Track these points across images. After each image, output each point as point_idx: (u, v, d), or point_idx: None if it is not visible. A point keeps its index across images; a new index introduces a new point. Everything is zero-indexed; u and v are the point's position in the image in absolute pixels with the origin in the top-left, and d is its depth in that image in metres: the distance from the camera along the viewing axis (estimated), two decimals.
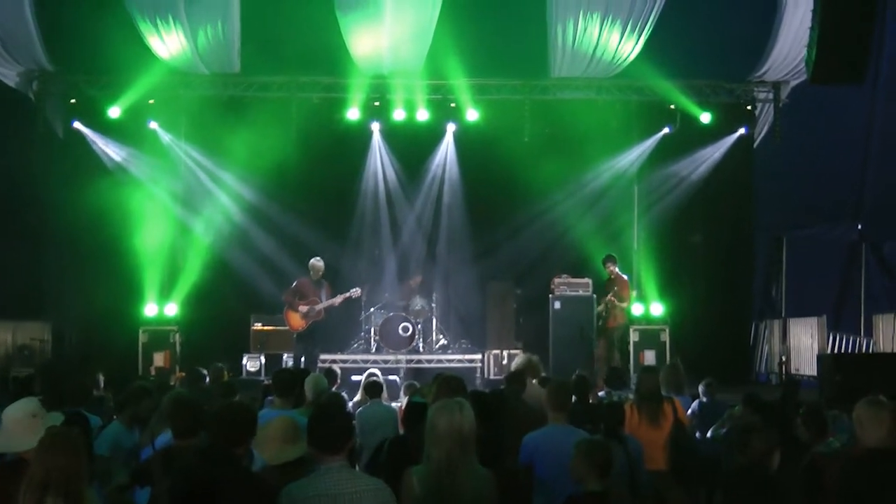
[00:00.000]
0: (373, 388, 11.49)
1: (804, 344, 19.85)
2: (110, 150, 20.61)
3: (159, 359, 19.24)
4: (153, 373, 18.61)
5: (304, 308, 17.89)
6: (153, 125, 20.56)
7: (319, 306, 17.92)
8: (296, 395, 9.11)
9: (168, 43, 19.17)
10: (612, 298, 18.52)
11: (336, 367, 13.95)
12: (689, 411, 11.08)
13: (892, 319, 18.60)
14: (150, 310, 19.87)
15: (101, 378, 13.13)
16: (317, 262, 18.15)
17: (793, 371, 19.90)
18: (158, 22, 18.82)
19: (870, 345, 20.33)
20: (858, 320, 22.13)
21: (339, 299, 18.16)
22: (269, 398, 9.68)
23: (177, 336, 19.51)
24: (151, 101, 20.31)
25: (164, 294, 20.10)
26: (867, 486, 6.48)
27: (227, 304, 20.20)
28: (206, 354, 17.09)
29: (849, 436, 7.04)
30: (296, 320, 18.03)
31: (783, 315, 22.03)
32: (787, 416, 10.44)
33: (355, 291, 18.50)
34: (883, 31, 19.51)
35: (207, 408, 6.91)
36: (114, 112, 20.01)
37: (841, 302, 22.91)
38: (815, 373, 18.16)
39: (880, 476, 6.45)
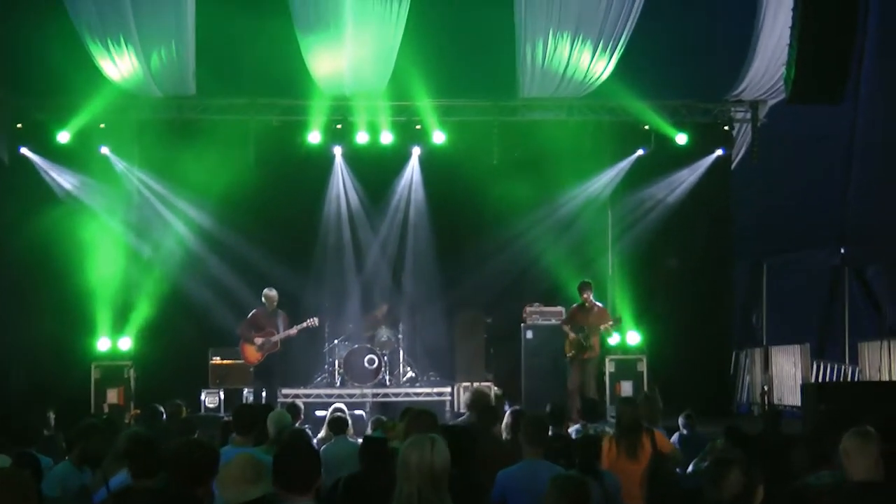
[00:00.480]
0: (337, 424, 11.44)
1: (787, 373, 19.94)
2: (60, 178, 20.41)
3: (113, 395, 19.08)
4: (106, 410, 18.43)
5: (259, 340, 17.90)
6: (104, 150, 20.39)
7: (275, 338, 17.93)
8: (257, 431, 9.07)
9: (119, 64, 19.06)
10: (606, 327, 18.50)
11: (299, 402, 13.92)
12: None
13: (878, 347, 18.71)
14: (102, 344, 19.70)
15: (52, 416, 13.02)
16: (270, 291, 18.18)
17: (775, 401, 19.95)
18: (109, 43, 18.73)
19: (855, 373, 20.44)
20: (843, 348, 22.27)
21: (295, 330, 18.18)
22: (232, 436, 9.60)
23: (131, 371, 19.36)
24: (102, 126, 20.13)
25: (118, 327, 19.90)
26: None
27: (184, 337, 20.01)
28: (162, 390, 16.94)
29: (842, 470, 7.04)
30: (251, 353, 18.02)
31: (764, 343, 22.09)
32: (770, 449, 10.50)
33: (312, 321, 18.48)
34: (863, 49, 19.73)
35: (165, 446, 6.86)
36: (63, 137, 19.83)
37: (824, 329, 23.06)
38: (798, 403, 18.21)
39: None
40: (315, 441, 11.71)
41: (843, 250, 23.03)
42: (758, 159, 20.86)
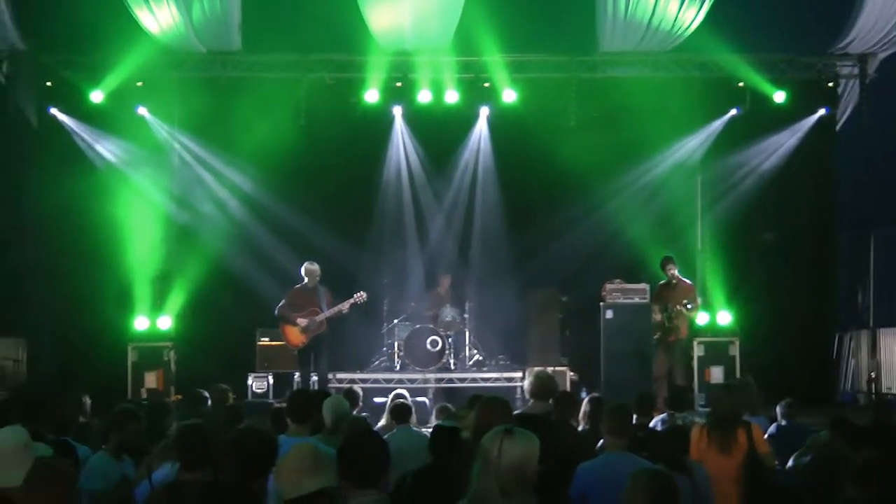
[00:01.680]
0: (401, 412, 11.50)
1: None
2: (92, 141, 20.62)
3: (151, 379, 19.29)
4: (144, 395, 18.64)
5: (302, 321, 17.73)
6: (141, 111, 20.63)
7: (320, 316, 17.76)
8: (314, 419, 9.14)
9: (158, 16, 19.21)
10: (683, 308, 18.41)
11: (357, 388, 13.98)
12: (766, 436, 11.02)
13: None
14: (140, 323, 19.94)
15: (88, 401, 13.19)
16: (311, 265, 17.97)
17: (884, 389, 19.82)
18: None
19: None
20: None
21: (346, 305, 17.97)
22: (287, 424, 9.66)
23: (171, 353, 19.59)
24: (139, 84, 20.35)
25: (157, 305, 20.14)
26: None
27: (229, 316, 20.21)
28: (205, 374, 17.07)
29: None
30: (294, 336, 17.93)
31: (871, 325, 21.92)
32: (883, 444, 10.41)
33: (361, 296, 18.18)
34: None
35: (217, 436, 6.95)
36: (96, 97, 20.02)
37: None
38: None
39: None
40: (377, 430, 11.78)
41: None
42: (866, 120, 20.65)
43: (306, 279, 17.98)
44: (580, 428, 9.97)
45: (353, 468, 5.71)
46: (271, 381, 19.35)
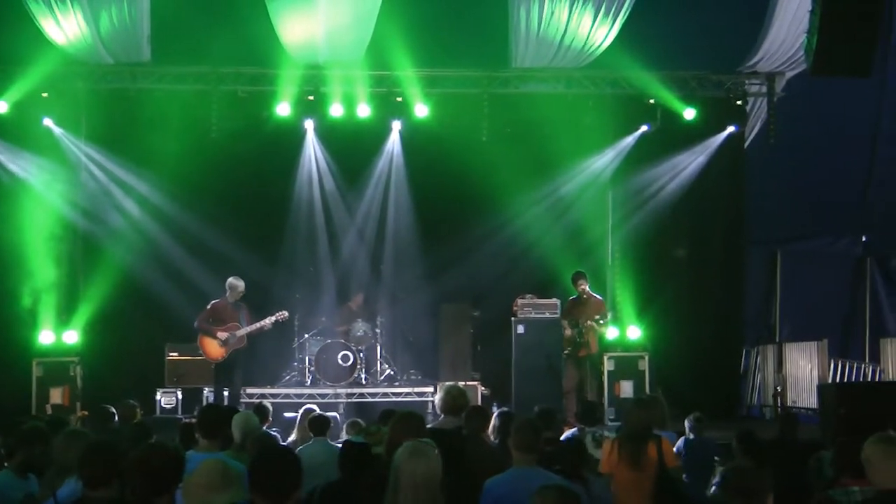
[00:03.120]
0: (318, 424, 11.54)
1: (802, 372, 20.03)
2: None
3: (57, 395, 18.95)
4: (49, 411, 18.37)
5: (223, 335, 17.69)
6: (48, 123, 20.28)
7: (241, 332, 17.75)
8: (224, 435, 9.11)
9: (64, 26, 18.96)
10: (592, 323, 18.53)
11: (267, 403, 13.94)
12: (674, 449, 11.16)
13: None
14: (45, 337, 19.56)
15: None
16: (237, 281, 17.89)
17: (789, 403, 20.07)
18: (53, 1, 18.68)
19: (877, 372, 20.54)
20: (863, 345, 22.40)
21: (269, 322, 18.03)
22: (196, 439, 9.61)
23: (77, 368, 19.18)
24: (45, 95, 20.06)
25: (63, 319, 19.84)
26: None
27: (138, 330, 20.06)
28: (112, 389, 17.08)
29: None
30: (214, 349, 17.84)
31: (778, 340, 22.21)
32: (787, 457, 10.58)
33: (282, 315, 18.31)
34: (892, 18, 19.77)
35: (123, 452, 6.89)
36: (0, 107, 19.82)
37: (844, 324, 23.16)
38: (814, 405, 18.32)
39: None
40: (286, 445, 11.76)
41: (865, 238, 23.17)
42: (774, 137, 20.92)
43: (228, 293, 17.89)
44: (491, 442, 9.99)
45: (266, 483, 5.69)
46: (180, 396, 19.26)
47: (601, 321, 18.57)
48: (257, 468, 5.75)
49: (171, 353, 19.70)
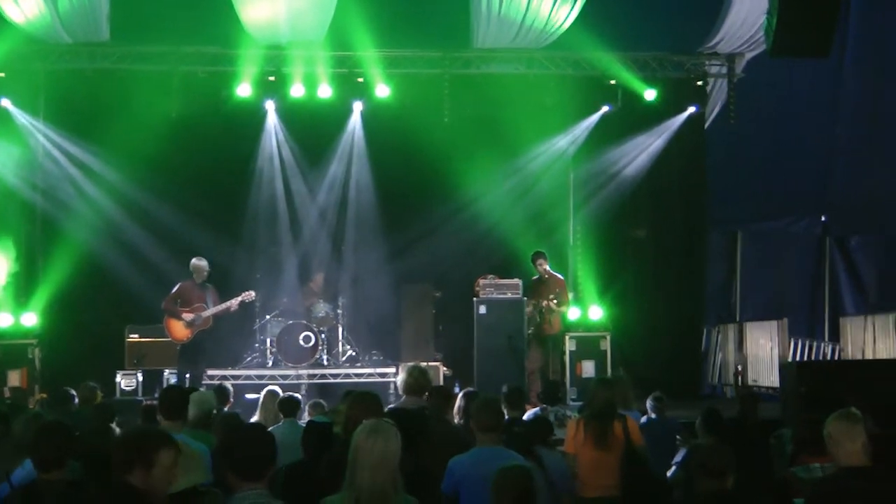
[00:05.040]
0: (289, 405, 11.54)
1: (763, 351, 20.06)
2: None
3: (15, 377, 18.77)
4: (7, 394, 18.21)
5: (188, 316, 17.63)
6: (5, 103, 20.11)
7: (207, 313, 17.68)
8: (186, 416, 9.03)
9: (23, 5, 18.71)
10: (550, 304, 18.49)
11: (227, 385, 13.86)
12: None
13: (862, 323, 18.87)
14: (3, 320, 19.38)
15: None
16: (199, 261, 17.84)
17: (750, 382, 20.11)
18: None
19: (837, 351, 20.64)
20: (823, 324, 22.50)
21: (235, 303, 18.00)
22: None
23: (36, 350, 19.09)
24: (2, 75, 19.91)
25: (21, 301, 19.68)
26: None
27: (98, 312, 19.92)
28: (72, 372, 16.96)
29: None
30: (179, 330, 17.78)
31: (739, 319, 22.29)
32: (748, 435, 10.58)
33: (248, 295, 18.33)
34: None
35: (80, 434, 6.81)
36: None
37: (804, 304, 23.27)
38: (775, 384, 18.39)
39: (856, 498, 6.56)
40: None
41: (825, 219, 23.27)
42: (734, 118, 20.94)
43: (194, 274, 17.81)
44: (455, 422, 9.94)
45: (243, 462, 5.66)
46: (140, 378, 19.06)
47: (555, 301, 18.51)
48: (235, 446, 5.70)
49: (132, 335, 19.52)
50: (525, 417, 11.40)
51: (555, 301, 18.51)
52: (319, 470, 7.34)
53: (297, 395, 12.36)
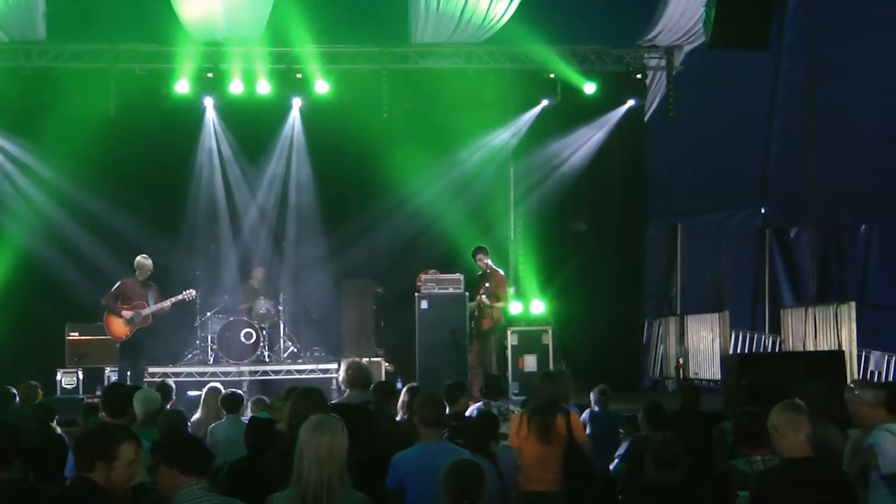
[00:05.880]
0: (232, 402, 11.54)
1: (704, 344, 20.20)
2: None
3: None
4: None
5: (128, 313, 17.61)
6: None
7: (146, 311, 17.67)
8: (130, 414, 9.05)
9: None
10: (484, 299, 18.53)
11: (170, 382, 13.85)
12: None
13: (802, 314, 19.05)
14: None
15: None
16: (144, 259, 17.84)
17: (692, 375, 20.25)
18: None
19: (777, 343, 20.81)
20: (764, 316, 22.71)
21: (169, 303, 17.99)
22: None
23: None
24: None
25: None
26: (786, 500, 6.70)
27: (37, 310, 19.81)
28: (12, 371, 16.83)
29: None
30: (119, 327, 17.75)
31: (679, 312, 22.45)
32: (690, 428, 10.69)
33: (189, 293, 18.35)
34: None
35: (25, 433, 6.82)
36: None
37: (744, 296, 23.47)
38: (717, 376, 18.53)
39: (800, 488, 6.68)
40: (190, 424, 11.70)
41: (764, 210, 23.47)
42: (673, 111, 21.07)
43: (138, 272, 17.79)
44: (398, 418, 10.00)
45: (186, 455, 5.72)
46: (81, 376, 18.95)
47: (484, 296, 18.50)
48: (178, 441, 5.78)
49: (72, 333, 19.40)
50: (468, 413, 11.47)
51: (485, 297, 18.49)
52: (263, 466, 7.38)
53: (239, 391, 12.38)
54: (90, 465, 5.71)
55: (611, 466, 11.13)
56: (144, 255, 17.92)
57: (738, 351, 20.81)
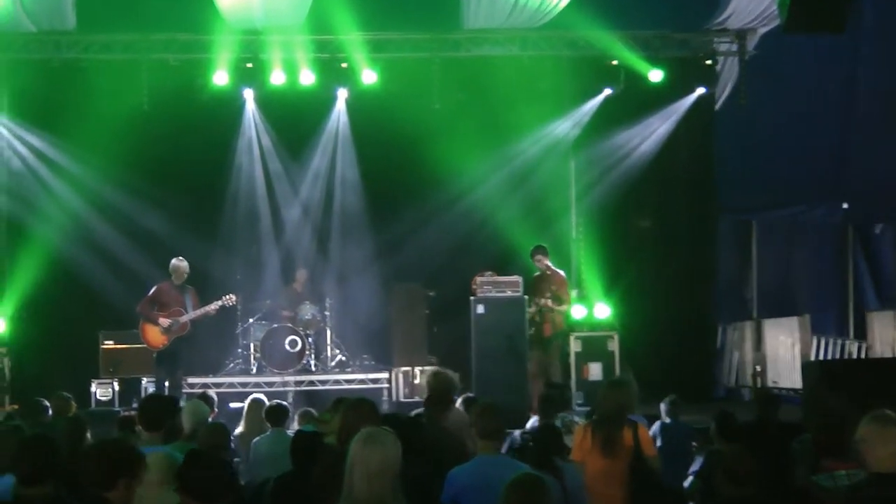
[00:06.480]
0: (277, 414, 11.59)
1: (783, 349, 20.12)
2: None
3: None
4: None
5: (165, 321, 17.62)
6: None
7: (185, 318, 17.65)
8: (168, 427, 9.11)
9: None
10: (548, 302, 18.53)
11: (211, 393, 13.95)
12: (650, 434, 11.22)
13: (891, 318, 18.89)
14: None
15: None
16: (179, 262, 17.81)
17: (770, 383, 20.16)
18: None
19: (863, 349, 20.67)
20: (848, 320, 22.50)
21: (213, 307, 17.98)
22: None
23: (5, 359, 19.19)
24: None
25: None
26: None
27: (70, 317, 19.99)
28: (43, 382, 17.01)
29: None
30: (155, 336, 17.76)
31: (755, 315, 22.31)
32: (767, 441, 10.65)
33: (229, 298, 18.31)
34: None
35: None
36: None
37: (825, 298, 23.25)
38: (797, 385, 18.42)
39: None
40: (233, 438, 11.78)
41: (845, 206, 23.26)
42: (745, 98, 20.97)
43: (173, 276, 17.80)
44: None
45: (199, 486, 5.77)
46: (116, 387, 19.09)
47: (550, 300, 18.48)
48: (191, 471, 5.81)
49: (106, 342, 19.55)
50: (529, 425, 11.51)
51: (550, 299, 18.50)
52: (310, 482, 7.43)
53: (284, 402, 12.45)
54: (110, 481, 5.78)
55: (684, 483, 11.12)
56: (180, 258, 17.90)
57: (820, 357, 20.66)
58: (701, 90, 21.39)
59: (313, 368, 19.73)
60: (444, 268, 20.58)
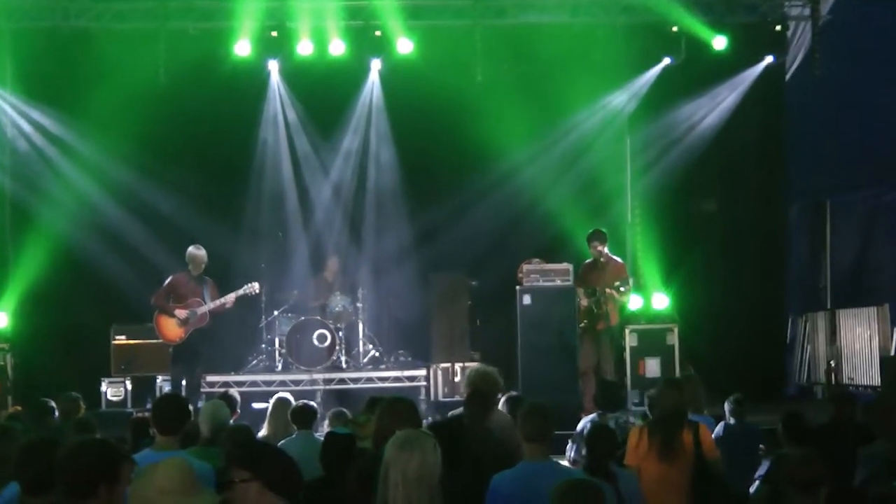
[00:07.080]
0: (304, 416, 11.57)
1: (860, 343, 20.04)
2: None
3: None
4: None
5: (182, 313, 17.67)
6: None
7: (203, 309, 17.72)
8: (184, 430, 9.10)
9: None
10: (615, 291, 18.43)
11: (234, 392, 13.96)
12: (713, 437, 11.18)
13: None
14: None
15: None
16: (196, 250, 17.88)
17: (845, 380, 20.09)
18: None
19: None
20: None
21: (232, 298, 18.03)
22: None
23: (9, 356, 19.19)
24: None
25: None
26: None
27: (78, 311, 20.10)
28: (50, 380, 17.07)
29: None
30: (172, 329, 17.82)
31: (830, 306, 22.23)
32: (842, 443, 10.58)
33: (252, 287, 18.34)
34: None
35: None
36: None
37: None
38: (875, 381, 18.36)
39: None
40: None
41: None
42: (819, 69, 20.83)
43: (190, 266, 17.87)
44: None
45: (279, 472, 5.81)
46: (129, 386, 19.20)
47: (622, 288, 18.44)
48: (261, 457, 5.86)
49: (118, 337, 19.65)
50: (580, 426, 11.47)
51: (621, 288, 18.42)
52: (342, 488, 7.41)
53: (312, 402, 12.45)
54: (89, 487, 5.75)
55: (750, 489, 11.07)
56: (197, 245, 17.96)
57: None
58: (769, 59, 21.26)
59: (344, 365, 19.72)
60: (488, 255, 20.61)
